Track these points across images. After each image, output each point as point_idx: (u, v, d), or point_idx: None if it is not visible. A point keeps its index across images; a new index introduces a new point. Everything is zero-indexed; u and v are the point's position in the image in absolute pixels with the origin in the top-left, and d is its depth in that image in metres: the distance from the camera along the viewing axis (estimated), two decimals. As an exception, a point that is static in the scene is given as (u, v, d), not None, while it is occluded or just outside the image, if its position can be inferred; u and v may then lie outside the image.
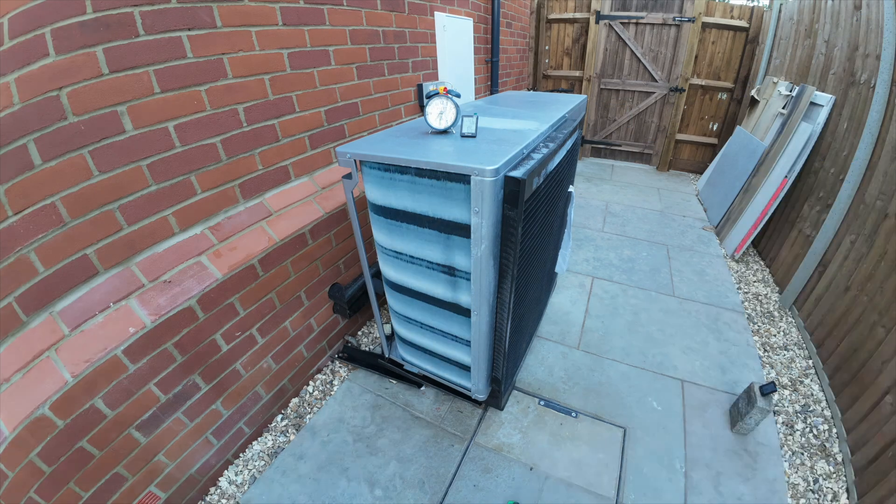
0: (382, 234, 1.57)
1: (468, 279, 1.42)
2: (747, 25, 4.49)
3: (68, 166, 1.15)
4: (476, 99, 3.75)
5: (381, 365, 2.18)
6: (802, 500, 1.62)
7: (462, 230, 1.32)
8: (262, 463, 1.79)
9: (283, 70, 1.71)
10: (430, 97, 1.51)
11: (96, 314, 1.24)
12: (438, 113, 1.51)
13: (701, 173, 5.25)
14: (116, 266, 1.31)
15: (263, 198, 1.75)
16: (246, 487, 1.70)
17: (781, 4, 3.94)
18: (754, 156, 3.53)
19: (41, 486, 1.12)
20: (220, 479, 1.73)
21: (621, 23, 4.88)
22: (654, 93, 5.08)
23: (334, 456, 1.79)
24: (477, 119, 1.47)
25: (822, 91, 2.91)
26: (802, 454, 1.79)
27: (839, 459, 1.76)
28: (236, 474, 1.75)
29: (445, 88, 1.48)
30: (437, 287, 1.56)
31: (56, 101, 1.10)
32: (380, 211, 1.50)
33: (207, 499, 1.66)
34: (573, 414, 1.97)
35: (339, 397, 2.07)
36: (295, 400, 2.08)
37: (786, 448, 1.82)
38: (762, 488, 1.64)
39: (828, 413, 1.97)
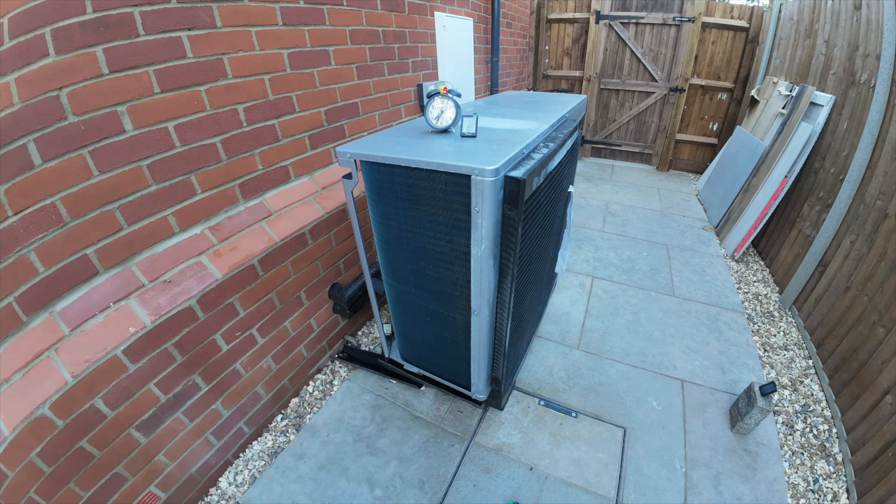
0: (382, 229, 1.57)
1: (468, 278, 1.42)
2: (747, 25, 4.49)
3: (68, 166, 1.15)
4: (476, 99, 3.75)
5: (381, 365, 2.18)
6: (802, 500, 1.62)
7: (462, 228, 1.32)
8: (262, 463, 1.79)
9: (283, 70, 1.71)
10: (430, 97, 1.51)
11: (96, 314, 1.24)
12: (439, 113, 1.51)
13: (701, 173, 5.25)
14: (116, 266, 1.30)
15: (263, 198, 1.75)
16: (246, 487, 1.70)
17: (781, 4, 3.94)
18: (754, 156, 3.53)
19: (41, 486, 1.12)
20: (220, 479, 1.73)
21: (621, 23, 4.88)
22: (654, 93, 5.08)
23: (334, 456, 1.79)
24: (477, 119, 1.47)
25: (822, 91, 2.91)
26: (802, 454, 1.79)
27: (839, 459, 1.76)
28: (236, 474, 1.75)
29: (446, 88, 1.48)
30: (437, 286, 1.56)
31: (56, 101, 1.10)
32: (379, 205, 1.50)
33: (207, 499, 1.66)
34: (573, 414, 1.97)
35: (339, 397, 2.07)
36: (295, 400, 2.08)
37: (786, 448, 1.82)
38: (762, 488, 1.64)
39: (828, 413, 1.97)
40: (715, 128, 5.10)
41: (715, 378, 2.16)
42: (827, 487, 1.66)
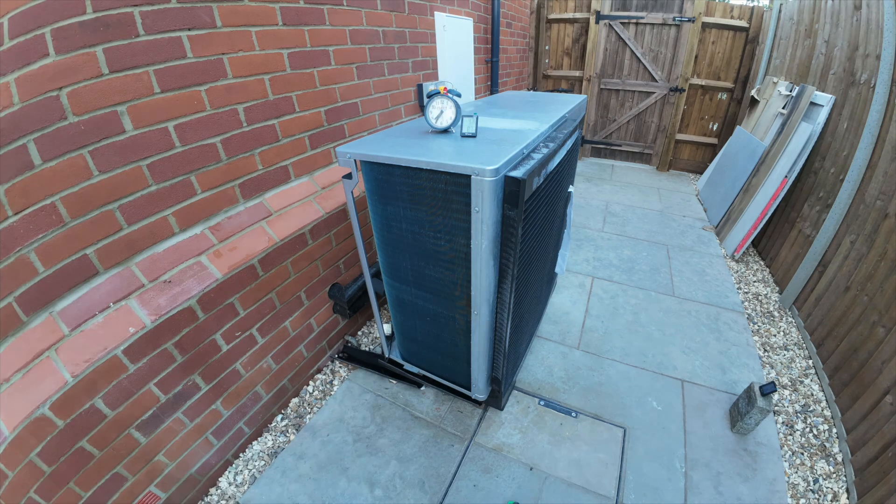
0: (382, 229, 1.57)
1: (468, 278, 1.42)
2: (747, 25, 4.49)
3: (68, 166, 1.15)
4: (476, 99, 3.75)
5: (381, 365, 2.18)
6: (802, 500, 1.62)
7: (462, 228, 1.32)
8: (262, 463, 1.79)
9: (283, 70, 1.71)
10: (430, 97, 1.51)
11: (96, 314, 1.24)
12: (439, 113, 1.51)
13: (701, 173, 5.25)
14: (116, 266, 1.31)
15: (263, 198, 1.75)
16: (246, 487, 1.70)
17: (781, 4, 3.94)
18: (754, 156, 3.53)
19: (41, 486, 1.12)
20: (220, 479, 1.73)
21: (621, 23, 4.88)
22: (654, 93, 5.08)
23: (334, 456, 1.79)
24: (477, 119, 1.47)
25: (822, 91, 2.91)
26: (802, 454, 1.79)
27: (839, 459, 1.76)
28: (236, 474, 1.75)
29: (446, 88, 1.48)
30: (437, 286, 1.56)
31: (56, 100, 1.10)
32: (379, 205, 1.50)
33: (207, 499, 1.66)
34: (573, 414, 1.97)
35: (339, 397, 2.07)
36: (295, 400, 2.08)
37: (786, 448, 1.82)
38: (762, 488, 1.64)
39: (828, 413, 1.97)
40: (715, 128, 5.10)
41: (715, 378, 2.16)
42: (827, 487, 1.66)
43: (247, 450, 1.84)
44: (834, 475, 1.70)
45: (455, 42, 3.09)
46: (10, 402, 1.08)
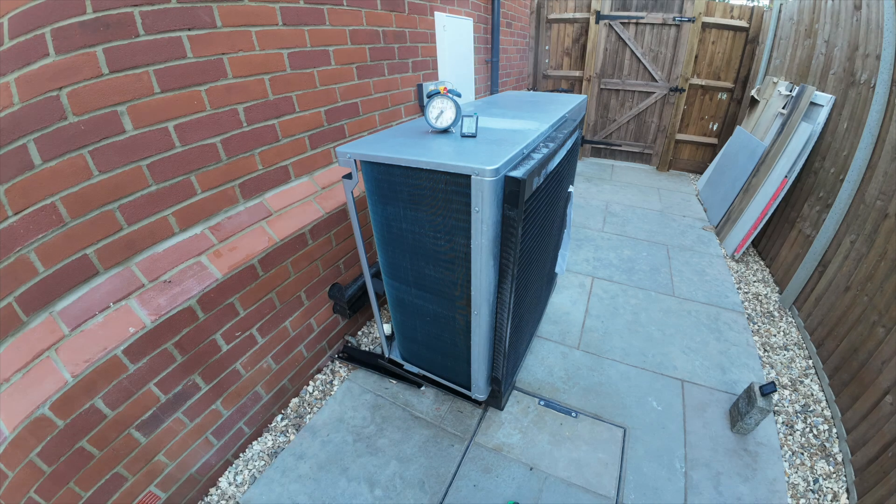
0: (382, 229, 1.57)
1: (468, 278, 1.42)
2: (747, 25, 4.49)
3: (68, 166, 1.15)
4: (476, 99, 3.75)
5: (381, 365, 2.18)
6: (802, 500, 1.62)
7: (462, 228, 1.32)
8: (262, 463, 1.80)
9: (283, 70, 1.71)
10: (430, 97, 1.51)
11: (96, 314, 1.24)
12: (439, 113, 1.51)
13: (701, 173, 5.25)
14: (116, 266, 1.31)
15: (263, 198, 1.75)
16: (246, 487, 1.70)
17: (781, 4, 3.94)
18: (754, 156, 3.53)
19: (41, 486, 1.12)
20: (220, 479, 1.73)
21: (621, 23, 4.88)
22: (654, 93, 5.08)
23: (334, 456, 1.79)
24: (477, 119, 1.47)
25: (822, 91, 2.91)
26: (802, 454, 1.79)
27: (839, 459, 1.76)
28: (236, 474, 1.75)
29: (446, 88, 1.48)
30: (437, 286, 1.56)
31: (56, 100, 1.10)
32: (379, 205, 1.50)
33: (207, 499, 1.66)
34: (573, 414, 1.97)
35: (339, 397, 2.07)
36: (295, 400, 2.08)
37: (786, 448, 1.82)
38: (762, 488, 1.64)
39: (828, 413, 1.97)
40: (715, 128, 5.10)
41: (715, 378, 2.16)
42: (827, 487, 1.66)
43: (247, 450, 1.84)
44: (834, 475, 1.70)
45: (455, 42, 3.09)
46: (10, 401, 1.08)
